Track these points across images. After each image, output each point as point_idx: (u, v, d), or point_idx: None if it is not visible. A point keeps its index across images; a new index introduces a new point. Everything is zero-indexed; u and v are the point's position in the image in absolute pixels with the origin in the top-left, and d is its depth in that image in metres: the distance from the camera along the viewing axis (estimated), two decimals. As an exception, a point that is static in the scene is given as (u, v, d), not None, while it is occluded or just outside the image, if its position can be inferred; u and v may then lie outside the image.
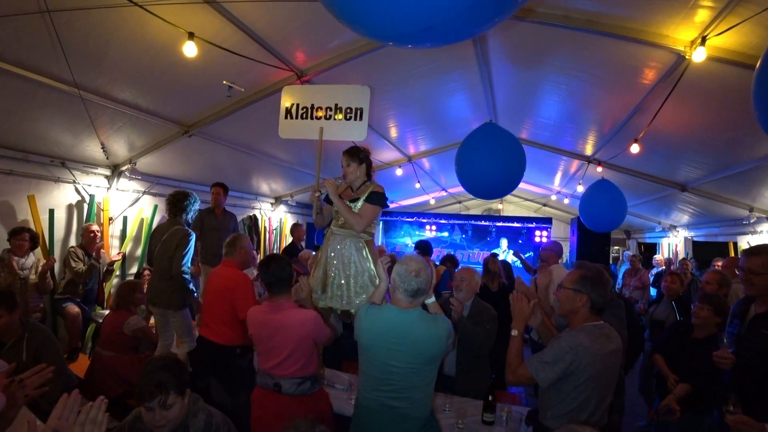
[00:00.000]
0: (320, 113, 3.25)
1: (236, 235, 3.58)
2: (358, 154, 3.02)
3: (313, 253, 6.12)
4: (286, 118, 3.37)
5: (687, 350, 3.01)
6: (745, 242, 6.27)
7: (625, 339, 2.67)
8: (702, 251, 8.11)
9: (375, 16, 1.55)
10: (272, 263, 2.58)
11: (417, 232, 12.30)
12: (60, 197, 4.73)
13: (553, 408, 2.09)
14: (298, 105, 3.33)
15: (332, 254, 3.02)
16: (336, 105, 3.22)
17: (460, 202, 13.50)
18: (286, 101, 3.37)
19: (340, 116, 3.20)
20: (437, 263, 6.81)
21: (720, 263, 5.95)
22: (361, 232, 2.92)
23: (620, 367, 2.19)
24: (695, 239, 8.28)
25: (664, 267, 8.23)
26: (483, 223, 12.03)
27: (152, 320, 4.39)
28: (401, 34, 1.61)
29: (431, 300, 2.32)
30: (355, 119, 3.17)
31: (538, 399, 2.25)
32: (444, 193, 11.67)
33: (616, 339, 2.11)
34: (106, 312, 4.88)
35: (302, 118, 3.32)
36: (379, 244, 11.90)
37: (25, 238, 4.11)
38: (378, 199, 2.95)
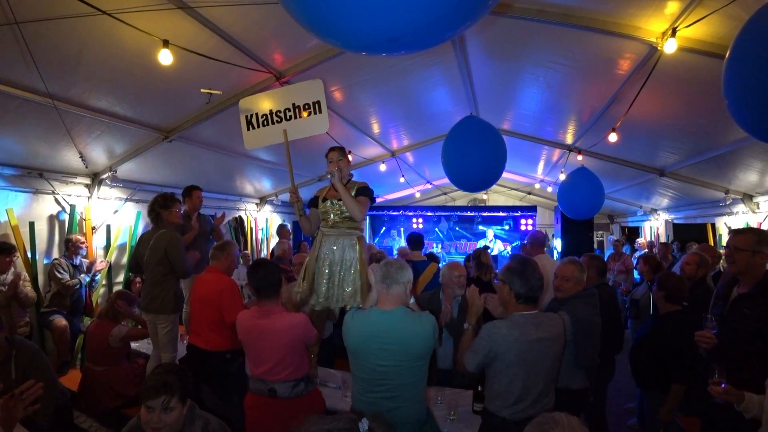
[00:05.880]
0: (280, 116, 3.30)
1: (226, 241, 3.60)
2: (344, 150, 3.18)
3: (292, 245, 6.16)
4: (248, 129, 3.41)
5: (655, 326, 3.17)
6: (723, 223, 6.47)
7: (599, 326, 2.78)
8: (682, 233, 8.31)
9: (339, 27, 1.58)
10: (261, 268, 2.61)
11: (402, 228, 12.37)
12: (39, 209, 4.64)
13: (488, 389, 2.25)
14: (257, 114, 3.37)
15: (325, 256, 3.06)
16: (294, 105, 3.26)
17: (445, 194, 13.54)
18: (244, 113, 3.40)
19: (305, 114, 3.24)
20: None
21: (695, 248, 6.13)
22: (361, 219, 3.02)
23: (562, 353, 2.29)
24: (675, 221, 8.48)
25: (647, 249, 8.41)
26: (469, 213, 12.11)
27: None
28: (365, 44, 1.65)
29: (410, 300, 2.38)
30: (315, 113, 3.22)
31: None
32: (429, 186, 11.72)
33: (549, 328, 2.18)
34: (95, 322, 4.84)
35: (264, 125, 3.36)
36: (368, 242, 11.94)
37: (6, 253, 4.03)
38: (368, 191, 3.10)
